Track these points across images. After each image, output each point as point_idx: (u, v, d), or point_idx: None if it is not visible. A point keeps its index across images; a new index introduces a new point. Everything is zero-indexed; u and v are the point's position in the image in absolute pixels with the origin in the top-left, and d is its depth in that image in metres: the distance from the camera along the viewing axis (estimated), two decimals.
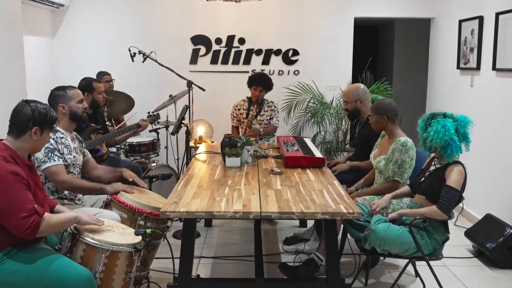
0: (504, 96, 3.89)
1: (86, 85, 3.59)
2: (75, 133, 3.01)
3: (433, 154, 2.81)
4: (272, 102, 4.70)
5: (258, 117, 4.60)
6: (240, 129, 4.74)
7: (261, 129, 4.54)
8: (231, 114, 4.75)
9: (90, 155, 3.07)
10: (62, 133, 2.83)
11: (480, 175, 4.16)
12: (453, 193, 2.55)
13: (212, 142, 4.61)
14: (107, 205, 2.74)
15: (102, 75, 4.74)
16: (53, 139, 2.72)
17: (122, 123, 4.63)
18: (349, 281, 3.01)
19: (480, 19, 4.21)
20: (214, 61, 5.44)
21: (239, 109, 4.70)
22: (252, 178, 2.93)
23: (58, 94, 2.84)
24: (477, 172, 4.17)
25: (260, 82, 4.51)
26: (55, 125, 2.26)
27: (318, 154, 3.39)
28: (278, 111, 4.71)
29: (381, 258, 3.34)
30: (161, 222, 2.74)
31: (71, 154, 2.81)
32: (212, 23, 5.38)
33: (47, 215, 2.06)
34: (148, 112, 4.10)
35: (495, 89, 4.02)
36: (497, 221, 3.59)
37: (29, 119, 2.15)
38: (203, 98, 4.97)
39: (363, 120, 3.60)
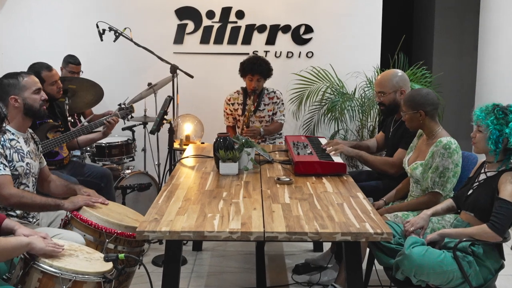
0: None
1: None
2: (31, 131, 3.01)
3: (482, 159, 2.81)
4: (274, 92, 4.65)
5: (257, 113, 4.60)
6: (237, 130, 4.73)
7: (262, 129, 4.53)
8: (224, 111, 4.75)
9: (45, 163, 3.07)
10: (13, 134, 2.83)
11: None
12: (508, 208, 2.54)
13: (203, 143, 4.62)
14: (66, 224, 2.74)
15: (69, 61, 4.70)
16: (0, 142, 2.71)
17: (91, 116, 4.61)
18: None
19: None
20: (205, 40, 5.45)
21: (232, 104, 4.69)
22: (253, 189, 2.93)
23: (8, 83, 2.82)
24: None
25: (257, 69, 4.45)
26: (4, 125, 2.26)
27: (337, 158, 3.40)
28: (282, 103, 4.68)
29: None
30: (135, 245, 2.74)
31: (23, 161, 2.81)
32: None
33: None
34: (119, 104, 4.10)
35: None
36: None
37: None
38: (191, 87, 4.98)
39: (400, 117, 3.59)
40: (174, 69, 4.39)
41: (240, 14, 5.42)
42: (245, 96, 4.62)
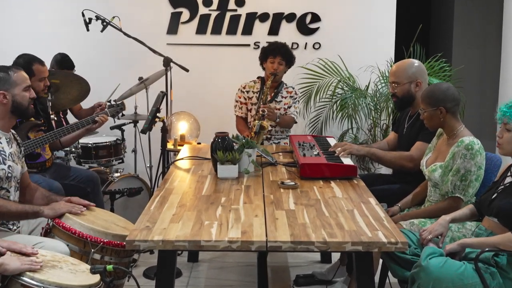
0: None
1: (24, 66, 3.58)
2: (13, 131, 3.01)
3: (508, 162, 2.80)
4: (293, 88, 4.75)
5: (273, 104, 4.60)
6: (249, 117, 4.71)
7: (278, 116, 4.53)
8: (236, 100, 4.74)
9: (26, 168, 3.07)
10: None
11: None
12: None
13: (199, 143, 4.62)
14: (47, 233, 2.74)
15: (64, 62, 4.64)
16: None
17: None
18: None
19: None
20: (201, 30, 5.45)
21: (247, 92, 4.71)
22: (254, 194, 2.94)
23: None
24: None
25: (280, 51, 4.55)
26: None
27: (347, 160, 3.40)
28: (298, 101, 4.77)
29: None
30: (123, 255, 2.74)
31: (4, 164, 2.80)
32: None
33: None
34: (109, 101, 4.10)
35: None
36: None
37: None
38: (186, 82, 4.98)
39: (415, 112, 3.60)
40: (167, 62, 4.39)
41: (240, 2, 5.42)
42: (262, 86, 4.64)
